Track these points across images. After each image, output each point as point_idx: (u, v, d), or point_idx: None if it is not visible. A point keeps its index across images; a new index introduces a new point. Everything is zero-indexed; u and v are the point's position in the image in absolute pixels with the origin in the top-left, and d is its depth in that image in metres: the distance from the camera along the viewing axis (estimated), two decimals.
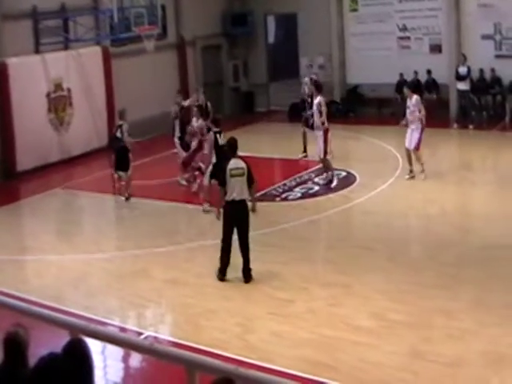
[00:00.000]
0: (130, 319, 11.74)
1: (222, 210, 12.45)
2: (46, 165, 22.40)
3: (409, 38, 27.80)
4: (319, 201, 17.07)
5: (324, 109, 18.33)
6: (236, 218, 12.35)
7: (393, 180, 18.37)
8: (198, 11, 28.44)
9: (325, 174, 18.47)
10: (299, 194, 17.75)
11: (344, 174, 18.95)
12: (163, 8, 24.84)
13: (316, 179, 18.82)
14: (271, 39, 31.97)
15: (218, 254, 12.50)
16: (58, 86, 23.22)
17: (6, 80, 21.46)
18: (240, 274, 12.50)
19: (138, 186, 18.48)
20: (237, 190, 12.21)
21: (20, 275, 14.03)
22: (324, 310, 11.18)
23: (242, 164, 12.41)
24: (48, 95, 22.88)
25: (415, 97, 18.42)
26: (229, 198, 12.27)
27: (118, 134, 18.20)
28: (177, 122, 19.17)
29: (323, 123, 18.31)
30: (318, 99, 18.56)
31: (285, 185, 18.45)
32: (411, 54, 27.56)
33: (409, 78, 26.37)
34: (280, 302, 11.43)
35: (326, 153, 18.30)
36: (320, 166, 18.96)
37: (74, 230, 16.68)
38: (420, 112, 18.12)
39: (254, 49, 31.16)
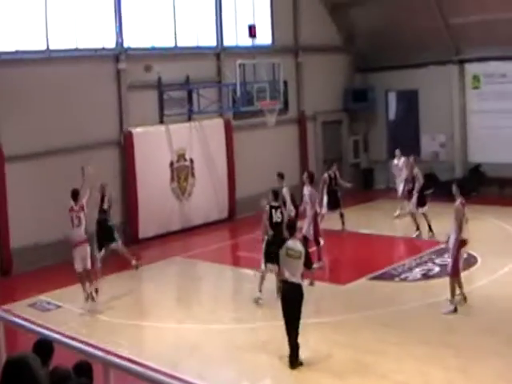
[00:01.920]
0: None
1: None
2: (167, 233, 22.90)
3: None
4: (439, 283, 16.68)
5: None
6: (288, 298, 12.14)
7: None
8: (319, 86, 28.84)
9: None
10: (419, 275, 17.45)
11: (465, 255, 18.50)
12: (285, 83, 25.25)
13: (437, 260, 18.53)
14: (392, 115, 31.94)
15: (320, 334, 12.32)
16: (181, 156, 23.86)
17: (131, 149, 22.22)
18: (351, 353, 12.35)
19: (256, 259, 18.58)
20: (289, 271, 12.08)
21: (138, 340, 14.29)
22: None
23: (299, 247, 12.26)
24: (171, 165, 23.54)
25: None
26: (282, 276, 12.34)
27: (105, 206, 17.77)
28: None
29: None
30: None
31: (404, 265, 18.20)
32: None
33: None
34: None
35: None
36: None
37: (192, 299, 16.88)
38: None
39: (374, 125, 31.27)
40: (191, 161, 24.19)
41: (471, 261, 17.82)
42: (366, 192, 28.98)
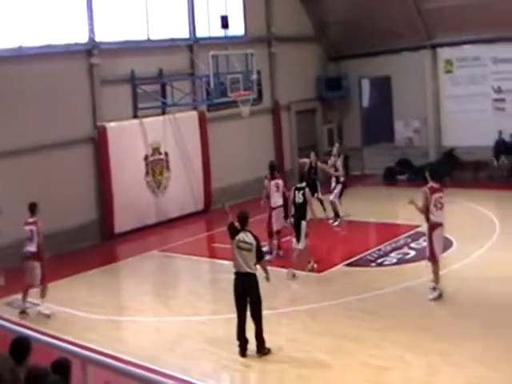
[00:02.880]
0: (225, 383, 11.73)
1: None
2: (143, 227, 22.88)
3: (504, 99, 27.51)
4: (415, 266, 16.83)
5: None
6: (243, 291, 12.28)
7: (490, 245, 18.04)
8: (292, 76, 28.88)
9: None
10: (395, 260, 17.57)
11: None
12: (259, 73, 25.24)
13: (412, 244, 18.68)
14: (365, 103, 32.07)
15: (298, 321, 12.41)
16: (156, 150, 23.82)
17: (105, 144, 22.14)
18: (331, 340, 12.43)
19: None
20: (243, 262, 12.22)
21: (116, 335, 14.27)
22: (422, 378, 10.98)
23: (250, 239, 12.30)
24: (146, 158, 23.48)
25: None
26: (235, 269, 12.41)
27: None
28: None
29: None
30: None
31: (380, 250, 18.30)
32: (507, 116, 27.23)
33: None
34: (376, 370, 11.26)
35: None
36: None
37: (170, 293, 16.89)
38: None
39: (348, 112, 31.38)
40: (166, 154, 24.16)
41: (446, 244, 17.94)
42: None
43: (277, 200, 18.32)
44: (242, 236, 12.32)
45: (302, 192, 16.72)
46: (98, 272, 18.75)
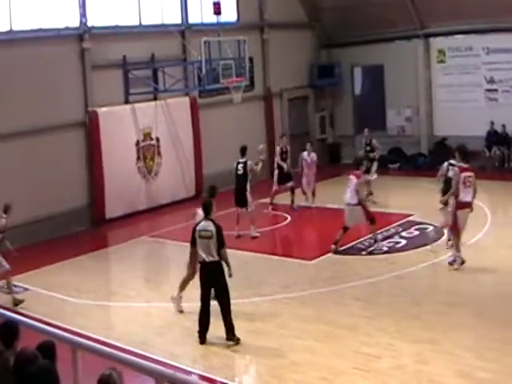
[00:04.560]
0: (215, 369, 11.71)
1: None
2: (134, 212, 22.82)
3: (496, 90, 27.51)
4: (406, 255, 16.85)
5: None
6: (208, 280, 12.27)
7: (481, 235, 18.05)
8: (285, 63, 28.77)
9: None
10: (386, 248, 17.58)
11: (432, 228, 18.69)
12: (251, 60, 25.17)
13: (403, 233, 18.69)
14: (358, 91, 32.02)
15: (289, 308, 12.41)
16: (147, 135, 23.74)
17: (97, 129, 22.04)
18: (321, 327, 12.43)
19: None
20: (205, 251, 12.17)
21: (107, 321, 14.25)
22: (411, 366, 10.96)
23: (211, 227, 12.22)
24: (137, 144, 23.40)
25: None
26: (199, 259, 12.35)
27: None
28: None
29: None
30: None
31: (371, 238, 18.28)
32: (499, 107, 27.24)
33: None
34: (366, 358, 11.26)
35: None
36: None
37: (161, 278, 16.87)
38: None
39: (340, 100, 31.33)
40: (157, 140, 24.07)
41: (438, 233, 17.96)
42: (333, 167, 29.02)
43: None
44: (202, 225, 12.34)
45: (242, 165, 19.20)
46: (89, 257, 18.69)
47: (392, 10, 27.78)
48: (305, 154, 22.81)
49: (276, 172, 22.47)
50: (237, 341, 12.14)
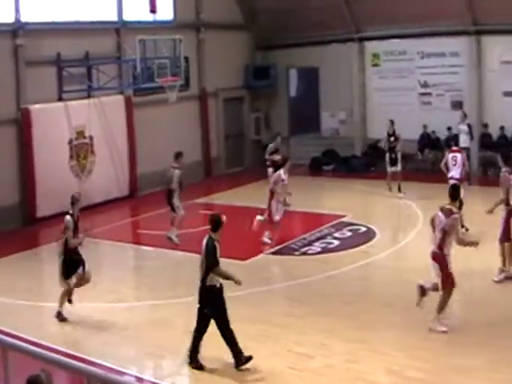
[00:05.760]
0: (148, 369, 11.65)
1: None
2: (67, 212, 22.47)
3: (430, 94, 27.95)
4: (339, 256, 17.03)
5: None
6: (198, 301, 11.28)
7: (413, 236, 18.32)
8: (220, 63, 28.76)
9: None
10: (319, 249, 17.71)
11: (364, 229, 18.91)
12: (186, 59, 25.09)
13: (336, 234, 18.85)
14: (293, 93, 32.22)
15: (238, 305, 12.40)
16: (80, 134, 23.48)
17: (29, 126, 21.72)
18: (256, 327, 12.53)
19: (157, 236, 18.58)
20: (199, 269, 11.27)
21: (39, 321, 14.03)
22: (342, 365, 11.09)
23: (204, 242, 11.30)
24: (70, 142, 23.12)
25: None
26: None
27: None
28: None
29: None
30: None
31: (304, 239, 18.40)
32: (432, 110, 27.67)
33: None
34: (299, 357, 11.34)
35: None
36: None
37: (94, 279, 16.63)
38: None
39: (275, 102, 31.45)
40: (91, 138, 23.82)
41: (370, 234, 18.18)
42: (267, 168, 29.06)
43: None
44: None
45: (174, 171, 18.49)
46: (21, 256, 18.40)
47: (328, 14, 28.00)
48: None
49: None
50: (245, 362, 11.12)
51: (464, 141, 24.25)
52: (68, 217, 14.37)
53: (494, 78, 26.47)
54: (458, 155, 18.96)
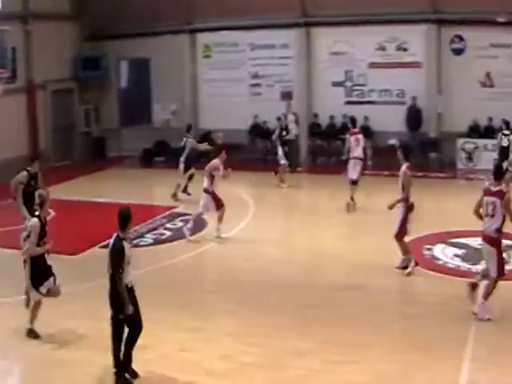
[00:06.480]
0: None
1: None
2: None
3: (260, 84, 28.39)
4: (171, 247, 17.02)
5: None
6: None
7: (244, 224, 18.57)
8: (49, 55, 28.06)
9: None
10: (151, 240, 17.63)
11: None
12: (13, 50, 24.30)
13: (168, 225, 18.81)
14: (124, 84, 31.87)
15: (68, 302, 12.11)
16: None
17: None
18: (91, 324, 12.31)
19: None
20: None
21: None
22: (176, 355, 11.08)
23: (111, 241, 10.42)
24: None
25: None
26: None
27: None
28: None
29: None
30: None
31: (136, 231, 18.24)
32: (263, 101, 28.12)
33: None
34: (136, 348, 11.19)
35: None
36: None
37: None
38: None
39: (105, 93, 31.03)
40: None
41: (202, 224, 18.27)
42: (98, 161, 28.72)
43: None
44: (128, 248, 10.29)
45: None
46: None
47: (160, 5, 27.93)
48: None
49: None
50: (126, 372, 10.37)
51: (292, 129, 24.91)
52: (35, 220, 11.76)
53: (323, 68, 27.27)
54: (360, 136, 19.74)
